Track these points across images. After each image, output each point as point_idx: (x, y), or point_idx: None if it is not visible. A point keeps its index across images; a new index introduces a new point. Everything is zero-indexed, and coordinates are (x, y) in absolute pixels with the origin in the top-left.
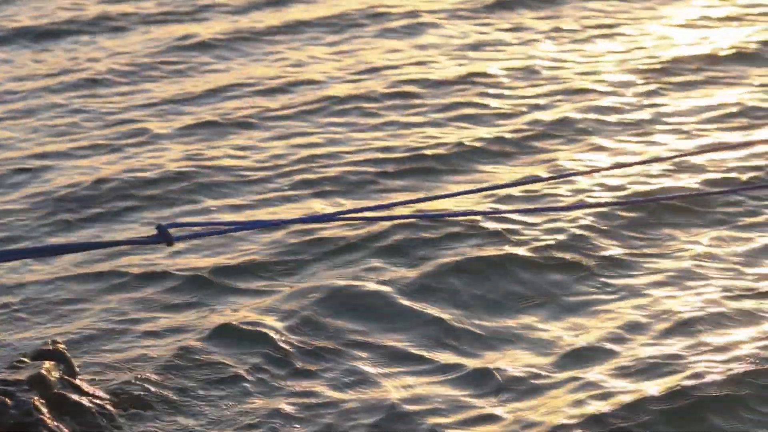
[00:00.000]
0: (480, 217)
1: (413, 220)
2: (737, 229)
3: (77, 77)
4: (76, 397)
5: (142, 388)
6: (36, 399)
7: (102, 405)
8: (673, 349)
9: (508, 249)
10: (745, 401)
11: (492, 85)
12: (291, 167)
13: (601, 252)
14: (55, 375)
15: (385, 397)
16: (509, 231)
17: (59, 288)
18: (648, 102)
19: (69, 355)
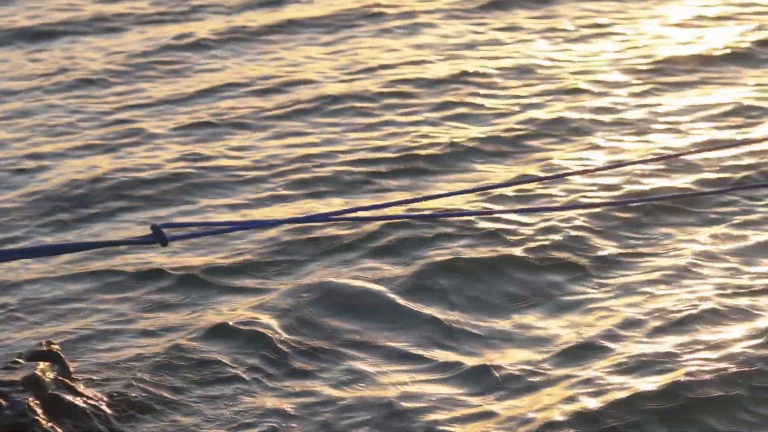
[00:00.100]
0: (474, 217)
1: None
2: (731, 228)
3: (73, 77)
4: (70, 398)
5: (137, 388)
6: (31, 400)
7: (97, 406)
8: (668, 347)
9: (502, 248)
10: (739, 398)
11: (486, 85)
12: (285, 167)
13: (596, 250)
14: (50, 376)
15: (381, 396)
16: (504, 231)
17: (53, 288)
18: (642, 101)
19: (64, 356)
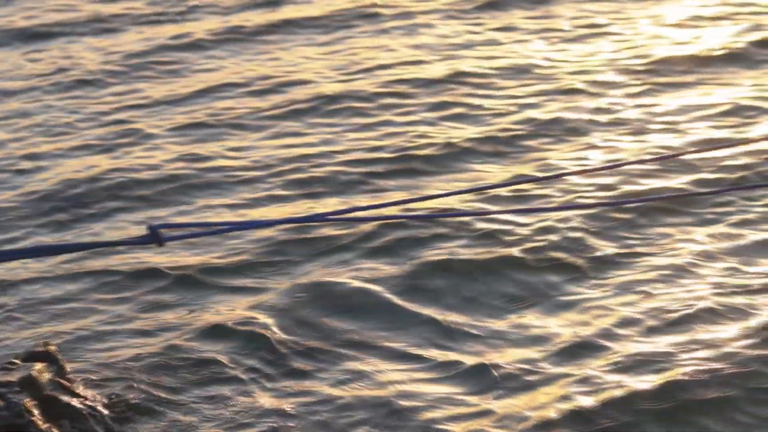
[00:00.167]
0: (471, 217)
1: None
2: (728, 228)
3: (70, 77)
4: (67, 399)
5: (133, 388)
6: (27, 401)
7: (93, 406)
8: (665, 347)
9: (499, 248)
10: (736, 398)
11: (483, 85)
12: (282, 167)
13: (592, 250)
14: (47, 376)
15: (378, 395)
16: (500, 231)
17: (50, 288)
18: (639, 101)
19: (60, 356)
